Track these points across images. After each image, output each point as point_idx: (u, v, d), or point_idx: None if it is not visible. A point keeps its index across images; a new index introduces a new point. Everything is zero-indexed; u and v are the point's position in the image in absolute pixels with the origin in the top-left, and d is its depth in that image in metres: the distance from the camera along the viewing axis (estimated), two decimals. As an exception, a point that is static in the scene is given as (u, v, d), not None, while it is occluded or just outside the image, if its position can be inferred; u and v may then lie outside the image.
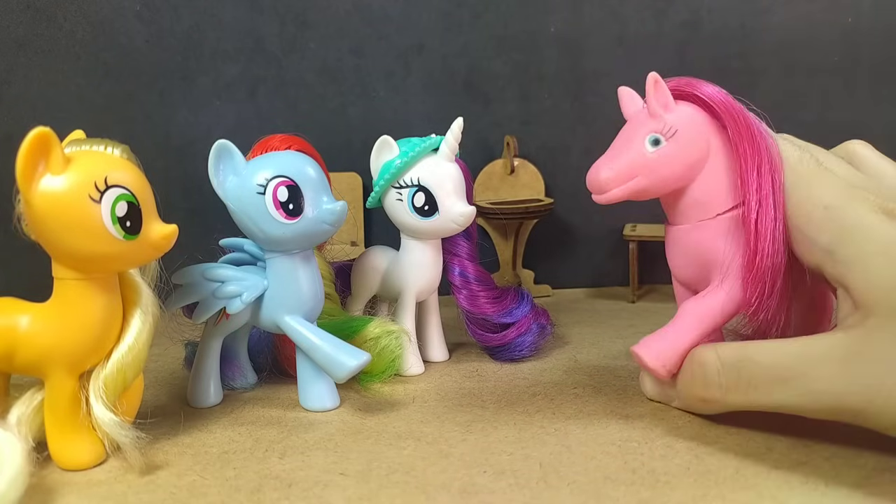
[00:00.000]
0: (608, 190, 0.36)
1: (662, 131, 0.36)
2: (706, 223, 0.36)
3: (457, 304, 0.47)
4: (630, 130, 0.37)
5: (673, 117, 0.36)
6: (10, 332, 0.31)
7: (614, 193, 0.36)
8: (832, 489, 0.29)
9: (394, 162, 0.43)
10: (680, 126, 0.36)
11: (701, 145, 0.36)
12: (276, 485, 0.30)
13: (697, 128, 0.36)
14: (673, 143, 0.36)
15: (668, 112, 0.36)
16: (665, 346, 0.36)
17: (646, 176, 0.36)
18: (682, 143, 0.36)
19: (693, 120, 0.36)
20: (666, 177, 0.36)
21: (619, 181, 0.36)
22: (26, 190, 0.29)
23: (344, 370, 0.37)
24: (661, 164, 0.36)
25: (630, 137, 0.37)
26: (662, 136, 0.36)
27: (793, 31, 0.68)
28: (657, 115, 0.36)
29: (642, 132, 0.36)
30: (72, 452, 0.32)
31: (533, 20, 0.66)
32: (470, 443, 0.34)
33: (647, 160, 0.36)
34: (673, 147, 0.36)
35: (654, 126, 0.36)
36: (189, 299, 0.38)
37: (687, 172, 0.36)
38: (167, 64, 0.63)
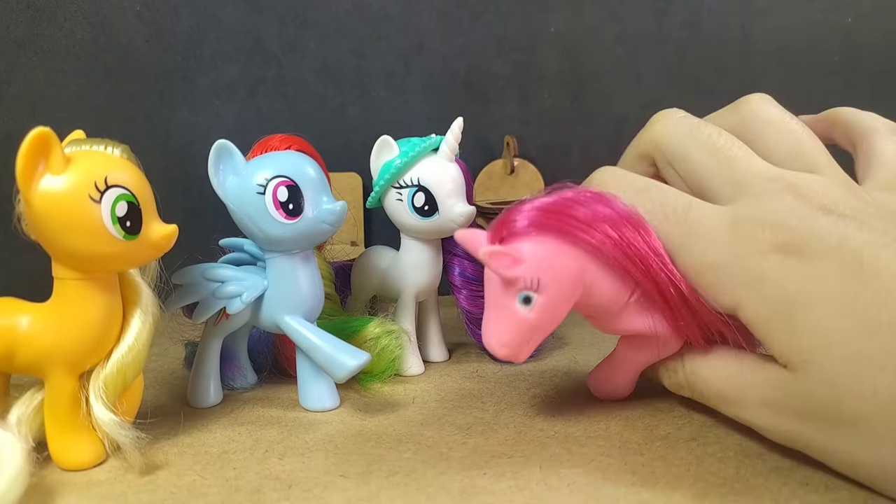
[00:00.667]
0: (517, 360, 0.34)
1: (526, 287, 0.31)
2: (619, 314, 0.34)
3: (457, 304, 0.47)
4: (496, 291, 0.32)
5: (526, 268, 0.31)
6: (10, 332, 0.31)
7: (523, 357, 0.33)
8: (832, 490, 0.29)
9: (394, 162, 0.43)
10: (540, 272, 0.31)
11: (569, 273, 0.32)
12: (276, 485, 0.30)
13: (557, 261, 0.32)
14: (544, 293, 0.32)
15: (518, 267, 0.31)
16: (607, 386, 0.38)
17: (539, 333, 0.33)
18: (552, 286, 0.32)
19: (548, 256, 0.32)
20: (556, 319, 0.33)
21: (520, 349, 0.33)
22: (26, 190, 0.29)
23: (344, 370, 0.37)
24: (545, 317, 0.32)
25: (501, 302, 0.32)
26: (530, 292, 0.32)
27: (793, 31, 0.68)
28: (511, 279, 0.31)
29: (509, 293, 0.32)
30: (72, 452, 0.32)
31: (533, 20, 0.66)
32: (470, 445, 0.34)
33: (530, 322, 0.32)
34: (545, 297, 0.32)
35: (515, 286, 0.32)
36: (189, 299, 0.38)
37: (571, 303, 0.33)
38: (167, 64, 0.63)
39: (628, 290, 0.34)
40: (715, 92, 0.68)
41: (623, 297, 0.34)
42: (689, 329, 0.34)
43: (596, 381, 0.40)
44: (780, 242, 0.29)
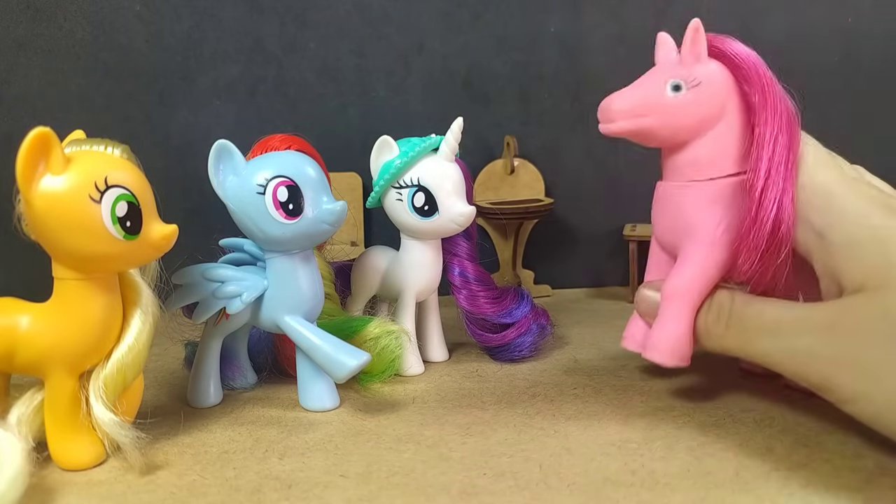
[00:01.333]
0: (616, 120, 0.36)
1: (687, 79, 0.36)
2: (696, 185, 0.36)
3: (457, 304, 0.47)
4: (656, 72, 0.37)
5: (701, 69, 0.36)
6: (10, 332, 0.31)
7: (621, 125, 0.36)
8: (832, 492, 0.29)
9: (394, 162, 0.43)
10: (704, 79, 0.36)
11: (718, 104, 0.36)
12: (275, 485, 0.30)
13: (720, 86, 0.36)
14: (692, 94, 0.35)
15: (698, 63, 0.36)
16: (671, 340, 0.36)
17: (657, 118, 0.36)
18: (702, 96, 0.36)
19: (718, 77, 0.36)
20: (675, 125, 0.36)
21: (630, 115, 0.36)
22: (26, 190, 0.29)
23: (344, 370, 0.37)
24: (675, 111, 0.36)
25: (654, 78, 0.37)
26: (685, 84, 0.36)
27: (793, 31, 0.68)
28: (687, 63, 0.36)
29: (667, 76, 0.36)
30: (72, 452, 0.32)
31: (533, 20, 0.66)
32: (470, 445, 0.34)
33: (663, 103, 0.36)
34: (691, 97, 0.35)
35: (680, 72, 0.36)
36: (189, 299, 0.38)
37: (697, 127, 0.36)
38: (167, 64, 0.63)
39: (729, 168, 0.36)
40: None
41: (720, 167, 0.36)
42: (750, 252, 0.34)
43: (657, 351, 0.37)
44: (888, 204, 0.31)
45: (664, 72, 0.37)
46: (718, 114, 0.36)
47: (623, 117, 0.36)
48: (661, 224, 0.39)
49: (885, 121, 0.70)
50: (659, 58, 0.39)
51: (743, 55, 0.36)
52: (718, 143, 0.36)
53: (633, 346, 0.41)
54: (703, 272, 0.36)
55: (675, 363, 0.36)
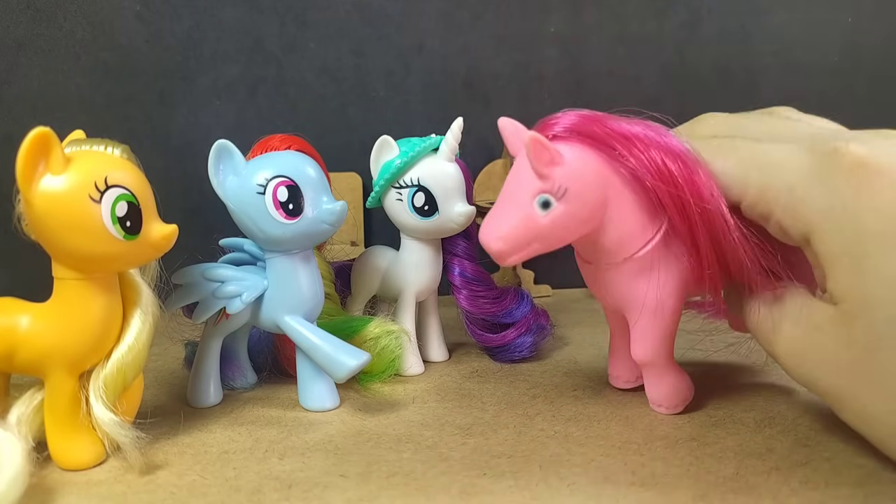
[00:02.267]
0: (506, 258, 0.33)
1: (552, 191, 0.32)
2: (615, 266, 0.34)
3: (457, 304, 0.47)
4: (517, 184, 0.33)
5: (561, 172, 0.31)
6: (10, 332, 0.31)
7: (514, 259, 0.33)
8: (832, 489, 0.29)
9: (394, 162, 0.43)
10: (570, 182, 0.32)
11: (596, 197, 0.32)
12: (276, 485, 0.30)
13: (590, 179, 0.32)
14: (565, 203, 0.32)
15: (555, 167, 0.32)
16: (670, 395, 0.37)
17: (541, 242, 0.32)
18: (575, 200, 0.32)
19: (584, 171, 0.32)
20: (563, 238, 0.33)
21: (514, 250, 0.32)
22: (26, 190, 0.29)
23: (344, 370, 0.37)
24: (556, 228, 0.32)
25: (518, 197, 0.32)
26: (552, 197, 0.32)
27: (793, 31, 0.68)
28: (543, 176, 0.32)
29: (530, 191, 0.32)
30: (72, 452, 0.32)
31: (533, 20, 0.66)
32: (470, 445, 0.34)
33: (539, 227, 0.32)
34: (565, 207, 0.32)
35: (541, 186, 0.32)
36: (189, 299, 0.38)
37: (584, 226, 0.33)
38: (167, 64, 0.63)
39: (640, 242, 0.33)
40: (715, 92, 0.68)
41: (631, 244, 0.33)
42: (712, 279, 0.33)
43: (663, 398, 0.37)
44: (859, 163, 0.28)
45: (526, 184, 0.32)
46: (602, 204, 0.33)
47: (509, 254, 0.33)
48: (598, 294, 0.38)
49: (885, 121, 0.70)
50: (513, 148, 0.35)
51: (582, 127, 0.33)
52: (618, 228, 0.33)
53: (621, 384, 0.41)
54: (663, 335, 0.35)
55: (682, 408, 0.37)
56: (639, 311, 0.35)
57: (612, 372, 0.41)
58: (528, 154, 0.31)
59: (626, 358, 0.40)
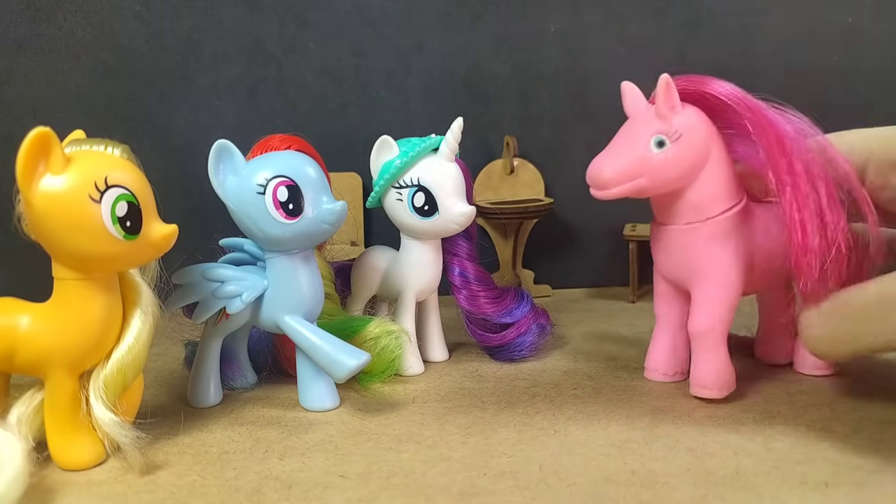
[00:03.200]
0: (609, 187, 0.36)
1: (668, 133, 0.36)
2: (696, 226, 0.37)
3: (457, 304, 0.47)
4: (635, 128, 0.37)
5: (679, 120, 0.36)
6: (10, 332, 0.31)
7: (614, 192, 0.36)
8: (832, 489, 0.29)
9: (394, 162, 0.43)
10: (685, 130, 0.36)
11: (702, 150, 0.36)
12: (276, 486, 0.30)
13: (701, 133, 0.36)
14: (677, 147, 0.36)
15: (676, 115, 0.36)
16: (716, 376, 0.38)
17: (648, 177, 0.36)
18: (686, 147, 0.36)
19: (698, 124, 0.36)
20: (667, 179, 0.36)
21: (621, 180, 0.36)
22: (26, 190, 0.29)
23: (344, 370, 0.37)
24: (664, 167, 0.36)
25: (634, 136, 0.37)
26: (668, 139, 0.36)
27: (793, 31, 0.68)
28: (664, 117, 0.36)
29: (648, 132, 0.36)
30: (72, 452, 0.32)
31: (533, 20, 0.66)
32: (470, 445, 0.34)
33: (650, 162, 0.36)
34: (677, 150, 0.36)
35: (660, 127, 0.36)
36: (189, 299, 0.38)
37: (687, 175, 0.36)
38: (167, 64, 0.63)
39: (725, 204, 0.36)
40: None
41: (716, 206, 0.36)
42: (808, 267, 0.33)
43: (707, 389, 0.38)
44: None
45: (644, 126, 0.37)
46: (704, 158, 0.36)
47: (616, 183, 0.36)
48: (665, 263, 0.39)
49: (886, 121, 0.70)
50: (627, 108, 0.39)
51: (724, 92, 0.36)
52: (710, 184, 0.36)
53: (657, 377, 0.42)
54: (726, 307, 0.37)
55: (725, 394, 0.38)
56: (706, 278, 0.37)
57: (650, 364, 0.42)
58: (658, 94, 0.36)
59: (667, 349, 0.41)
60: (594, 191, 0.37)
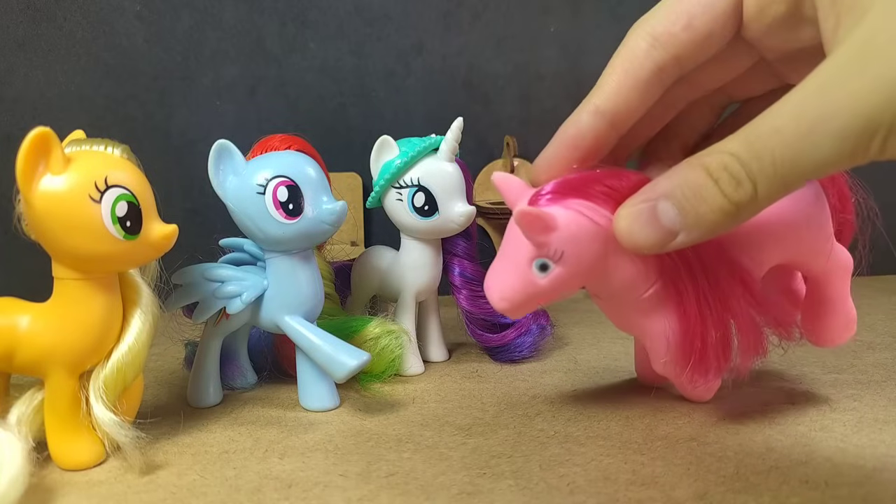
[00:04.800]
0: (513, 313, 0.33)
1: (548, 256, 0.31)
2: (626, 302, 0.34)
3: (457, 304, 0.47)
4: (515, 246, 0.32)
5: (557, 237, 0.31)
6: (10, 332, 0.31)
7: (518, 315, 0.34)
8: (832, 489, 0.29)
9: (394, 162, 0.43)
10: (567, 245, 0.31)
11: (594, 252, 0.31)
12: (276, 485, 0.30)
13: (587, 237, 0.31)
14: (563, 265, 0.31)
15: (549, 234, 0.31)
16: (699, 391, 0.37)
17: (545, 298, 0.32)
18: (573, 261, 0.31)
19: (580, 230, 0.31)
20: (565, 293, 0.33)
21: (520, 309, 0.33)
22: (26, 190, 0.29)
23: (344, 370, 0.37)
24: (556, 288, 0.32)
25: (516, 259, 0.32)
26: (550, 261, 0.31)
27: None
28: (539, 244, 0.31)
29: (527, 256, 0.31)
30: (72, 452, 0.32)
31: (533, 20, 0.66)
32: (470, 445, 0.34)
33: (538, 288, 0.32)
34: (563, 269, 0.31)
35: (538, 252, 0.31)
36: (189, 299, 0.38)
37: (586, 280, 0.33)
38: (167, 64, 0.63)
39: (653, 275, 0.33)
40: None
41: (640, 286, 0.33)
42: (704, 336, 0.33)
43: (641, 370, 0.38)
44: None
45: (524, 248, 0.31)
46: (602, 255, 0.32)
47: (516, 311, 0.33)
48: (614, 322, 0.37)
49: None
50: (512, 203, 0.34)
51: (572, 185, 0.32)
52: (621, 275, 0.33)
53: (648, 382, 0.41)
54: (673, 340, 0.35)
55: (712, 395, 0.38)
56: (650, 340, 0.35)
57: (639, 370, 0.42)
58: (521, 229, 0.31)
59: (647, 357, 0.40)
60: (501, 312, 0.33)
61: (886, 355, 0.46)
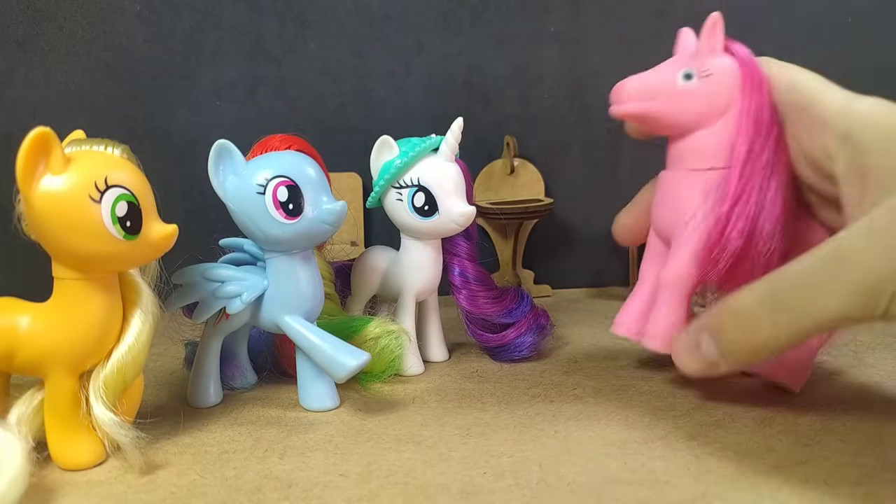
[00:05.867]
0: (625, 102, 0.37)
1: (699, 69, 0.37)
2: (696, 174, 0.37)
3: (457, 304, 0.47)
4: (672, 60, 0.38)
5: (714, 61, 0.37)
6: (10, 332, 0.31)
7: (630, 107, 0.38)
8: (832, 488, 0.29)
9: (394, 162, 0.43)
10: (716, 71, 0.36)
11: (725, 96, 0.36)
12: (276, 485, 0.30)
13: (730, 80, 0.36)
14: (702, 83, 0.36)
15: (713, 55, 0.37)
16: (670, 328, 0.37)
17: (664, 103, 0.37)
18: (711, 87, 0.36)
19: (729, 71, 0.36)
20: (682, 111, 0.37)
21: (639, 98, 0.37)
22: (26, 190, 0.29)
23: (344, 370, 0.37)
24: (683, 98, 0.37)
25: (668, 65, 0.38)
26: (696, 73, 0.36)
27: (793, 31, 0.68)
28: (701, 54, 0.37)
29: (680, 64, 0.37)
30: (72, 452, 0.32)
31: (533, 20, 0.66)
32: (470, 445, 0.34)
33: (672, 88, 0.37)
34: (701, 87, 0.36)
35: (693, 62, 0.37)
36: (189, 299, 0.38)
37: (702, 116, 0.37)
38: (167, 64, 0.63)
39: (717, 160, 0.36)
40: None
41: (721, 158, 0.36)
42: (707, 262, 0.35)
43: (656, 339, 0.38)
44: None
45: (679, 59, 0.38)
46: (725, 106, 0.36)
47: (632, 99, 0.37)
48: (660, 213, 0.39)
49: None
50: (677, 49, 0.39)
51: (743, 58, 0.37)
52: (722, 135, 0.36)
53: (623, 331, 0.42)
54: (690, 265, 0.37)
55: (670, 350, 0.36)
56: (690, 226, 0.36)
57: (620, 318, 0.42)
58: (703, 32, 0.37)
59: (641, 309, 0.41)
60: (612, 106, 0.38)
61: (886, 355, 0.46)
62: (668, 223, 0.38)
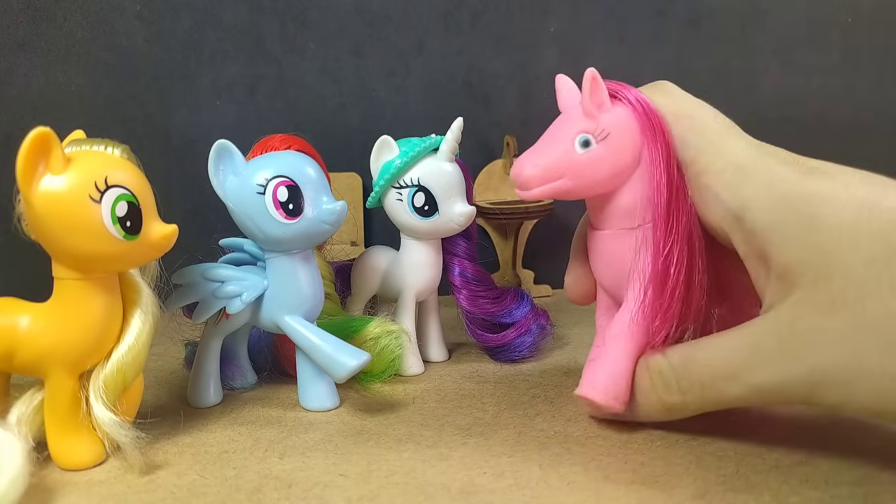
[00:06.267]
0: (531, 187, 0.34)
1: (594, 132, 0.33)
2: (627, 232, 0.35)
3: (457, 304, 0.47)
4: (561, 126, 0.35)
5: (607, 118, 0.34)
6: (10, 332, 0.31)
7: (536, 192, 0.35)
8: (832, 488, 0.29)
9: (394, 162, 0.43)
10: (612, 128, 0.33)
11: (630, 151, 0.34)
12: (276, 485, 0.30)
13: (628, 133, 0.34)
14: (602, 147, 0.33)
15: (603, 112, 0.34)
16: (608, 378, 0.34)
17: (571, 178, 0.34)
18: (612, 147, 0.33)
19: (626, 123, 0.34)
20: (591, 181, 0.34)
21: (543, 180, 0.34)
22: (26, 190, 0.29)
23: (344, 370, 0.37)
24: (588, 168, 0.34)
25: (560, 134, 0.35)
26: (593, 138, 0.33)
27: (793, 31, 0.68)
28: (591, 115, 0.34)
29: (573, 130, 0.34)
30: (72, 452, 0.32)
31: (533, 20, 0.66)
32: (470, 445, 0.34)
33: (573, 162, 0.34)
34: (602, 151, 0.33)
35: (585, 126, 0.34)
36: (189, 299, 0.38)
37: (613, 179, 0.34)
38: (167, 64, 0.63)
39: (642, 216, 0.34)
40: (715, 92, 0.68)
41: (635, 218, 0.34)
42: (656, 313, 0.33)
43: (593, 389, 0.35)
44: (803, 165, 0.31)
45: (570, 124, 0.34)
46: (633, 160, 0.34)
47: (536, 183, 0.34)
48: (598, 270, 0.37)
49: (885, 121, 0.70)
50: (561, 103, 0.37)
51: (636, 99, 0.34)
52: (640, 189, 0.34)
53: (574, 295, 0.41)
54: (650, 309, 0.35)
55: (608, 402, 0.34)
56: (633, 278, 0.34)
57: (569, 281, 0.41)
58: (584, 90, 0.34)
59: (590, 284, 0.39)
60: (517, 190, 0.35)
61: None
62: (612, 282, 0.36)
